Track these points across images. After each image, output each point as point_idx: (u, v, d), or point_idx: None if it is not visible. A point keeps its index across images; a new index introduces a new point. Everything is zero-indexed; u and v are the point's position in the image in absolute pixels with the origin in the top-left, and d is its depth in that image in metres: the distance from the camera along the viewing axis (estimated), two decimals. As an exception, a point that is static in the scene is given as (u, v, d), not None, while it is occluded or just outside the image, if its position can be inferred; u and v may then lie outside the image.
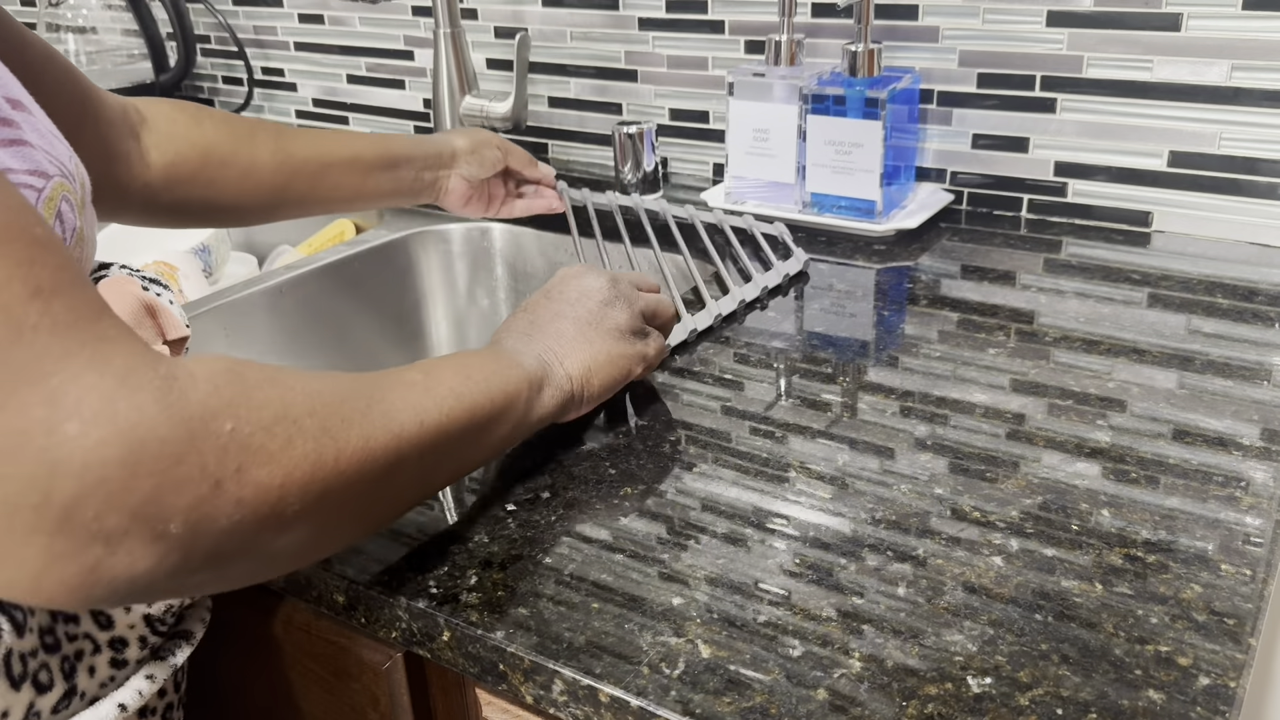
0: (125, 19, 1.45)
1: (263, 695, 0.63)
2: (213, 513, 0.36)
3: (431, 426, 0.46)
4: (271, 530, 0.39)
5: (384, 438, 0.43)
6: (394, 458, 0.44)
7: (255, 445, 0.38)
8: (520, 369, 0.54)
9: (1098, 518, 0.53)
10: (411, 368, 0.50)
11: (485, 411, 0.50)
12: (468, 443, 0.50)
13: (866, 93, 0.90)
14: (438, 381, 0.49)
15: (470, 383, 0.50)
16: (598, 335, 0.60)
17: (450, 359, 0.52)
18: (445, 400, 0.48)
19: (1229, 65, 0.85)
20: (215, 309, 0.92)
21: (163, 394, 0.36)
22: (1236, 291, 0.79)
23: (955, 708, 0.42)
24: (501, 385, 0.52)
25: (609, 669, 0.45)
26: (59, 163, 0.46)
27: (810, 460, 0.60)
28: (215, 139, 0.77)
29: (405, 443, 0.45)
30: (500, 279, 1.12)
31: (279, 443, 0.38)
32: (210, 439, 0.36)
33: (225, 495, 0.37)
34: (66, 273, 0.36)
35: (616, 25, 1.14)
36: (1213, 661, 0.44)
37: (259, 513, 0.38)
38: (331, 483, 0.41)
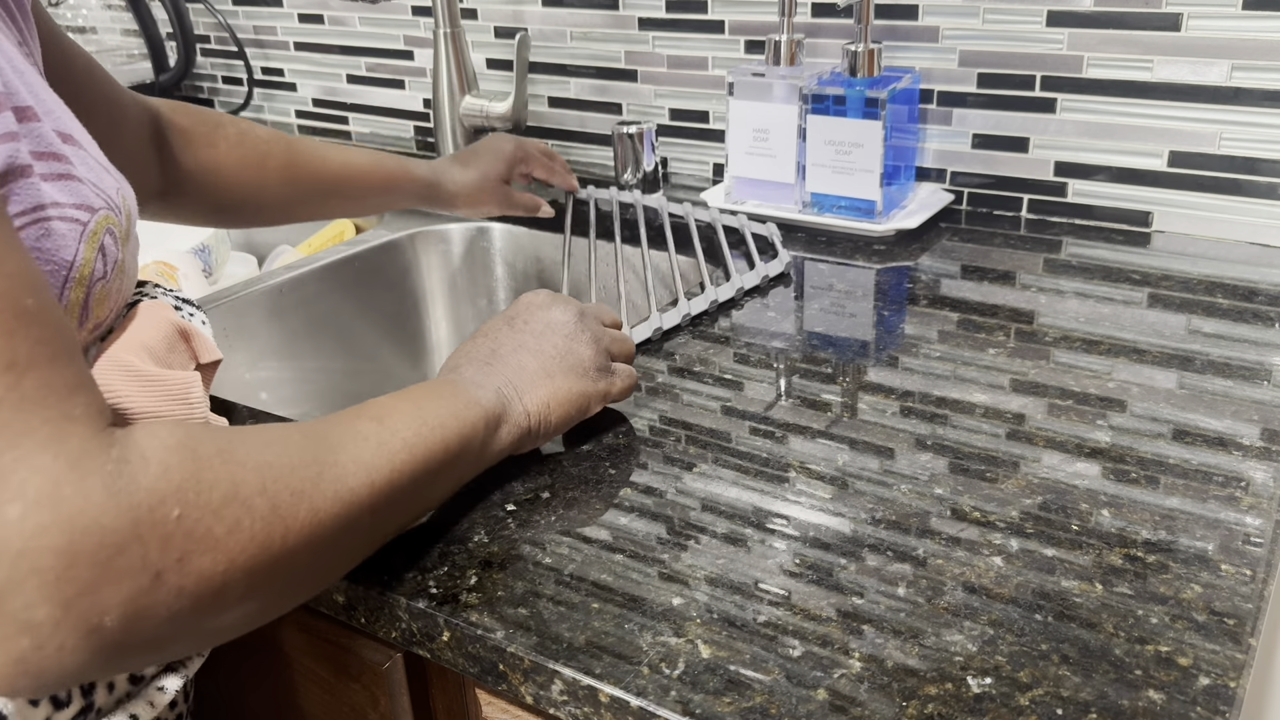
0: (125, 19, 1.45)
1: (263, 695, 0.63)
2: (151, 604, 0.35)
3: (382, 485, 0.46)
4: (212, 614, 0.38)
5: (334, 507, 0.43)
6: (343, 524, 0.43)
7: (200, 532, 0.37)
8: (478, 407, 0.53)
9: (1098, 518, 0.53)
10: (365, 412, 0.48)
11: (439, 458, 0.49)
12: (420, 491, 0.49)
13: (866, 93, 0.90)
14: (391, 433, 0.47)
15: (425, 429, 0.49)
16: (560, 371, 0.58)
17: (406, 400, 0.51)
18: (398, 455, 0.47)
19: (1229, 65, 0.85)
20: (215, 309, 0.92)
21: (112, 480, 0.35)
22: (1236, 291, 0.79)
23: (955, 708, 0.42)
24: (458, 428, 0.51)
25: (609, 669, 0.45)
26: (105, 195, 0.46)
27: (810, 460, 0.60)
28: (225, 162, 0.79)
29: (355, 507, 0.44)
30: (500, 279, 1.12)
31: (225, 527, 0.38)
32: (155, 528, 0.35)
33: (165, 586, 0.36)
34: (48, 347, 0.36)
35: (616, 25, 1.14)
36: (1213, 661, 0.44)
37: (200, 600, 0.37)
38: (278, 561, 0.40)
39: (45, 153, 0.44)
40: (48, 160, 0.43)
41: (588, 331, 0.61)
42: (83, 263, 0.44)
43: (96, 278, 0.45)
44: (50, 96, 0.46)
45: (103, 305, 0.47)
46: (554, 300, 0.62)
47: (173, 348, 0.52)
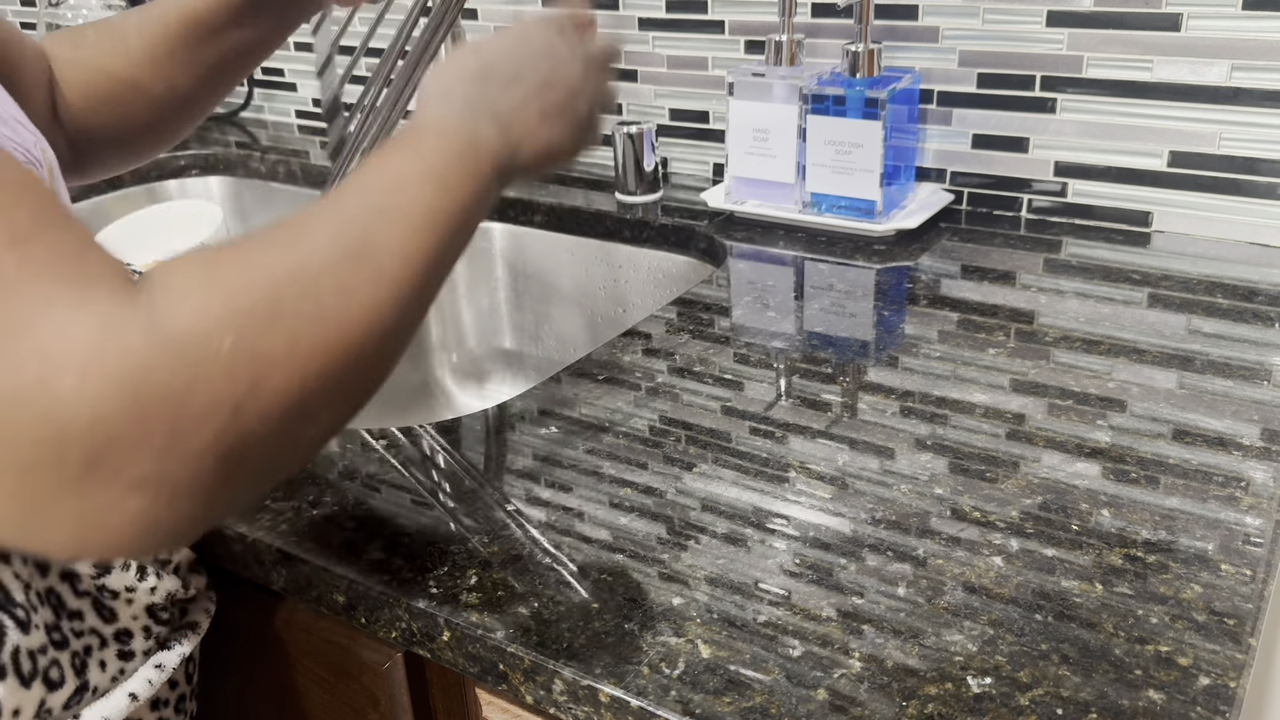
0: (125, 19, 1.45)
1: (263, 695, 0.63)
2: (241, 436, 0.35)
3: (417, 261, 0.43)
4: (303, 426, 0.38)
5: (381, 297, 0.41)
6: (394, 312, 0.42)
7: (261, 353, 0.36)
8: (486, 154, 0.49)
9: (1098, 518, 0.53)
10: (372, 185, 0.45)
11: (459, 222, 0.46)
12: (448, 255, 0.46)
13: (866, 93, 0.90)
14: (413, 201, 0.44)
15: (445, 196, 0.46)
16: (562, 123, 0.54)
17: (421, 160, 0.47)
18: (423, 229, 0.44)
19: (1229, 65, 0.85)
20: (215, 309, 0.92)
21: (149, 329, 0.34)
22: (1236, 291, 0.79)
23: (955, 708, 0.42)
24: (474, 189, 0.47)
25: (609, 669, 0.45)
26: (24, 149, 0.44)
27: (810, 460, 0.60)
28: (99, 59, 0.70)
29: (402, 287, 0.42)
30: (500, 279, 1.12)
31: (284, 341, 0.36)
32: (212, 363, 0.34)
33: (247, 415, 0.35)
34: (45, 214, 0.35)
35: (616, 25, 1.14)
36: (1213, 661, 0.44)
37: (286, 418, 0.36)
38: (348, 359, 0.39)
39: None
40: None
41: (589, 87, 0.56)
42: None
43: None
44: None
45: None
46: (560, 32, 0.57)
47: None
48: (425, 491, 0.59)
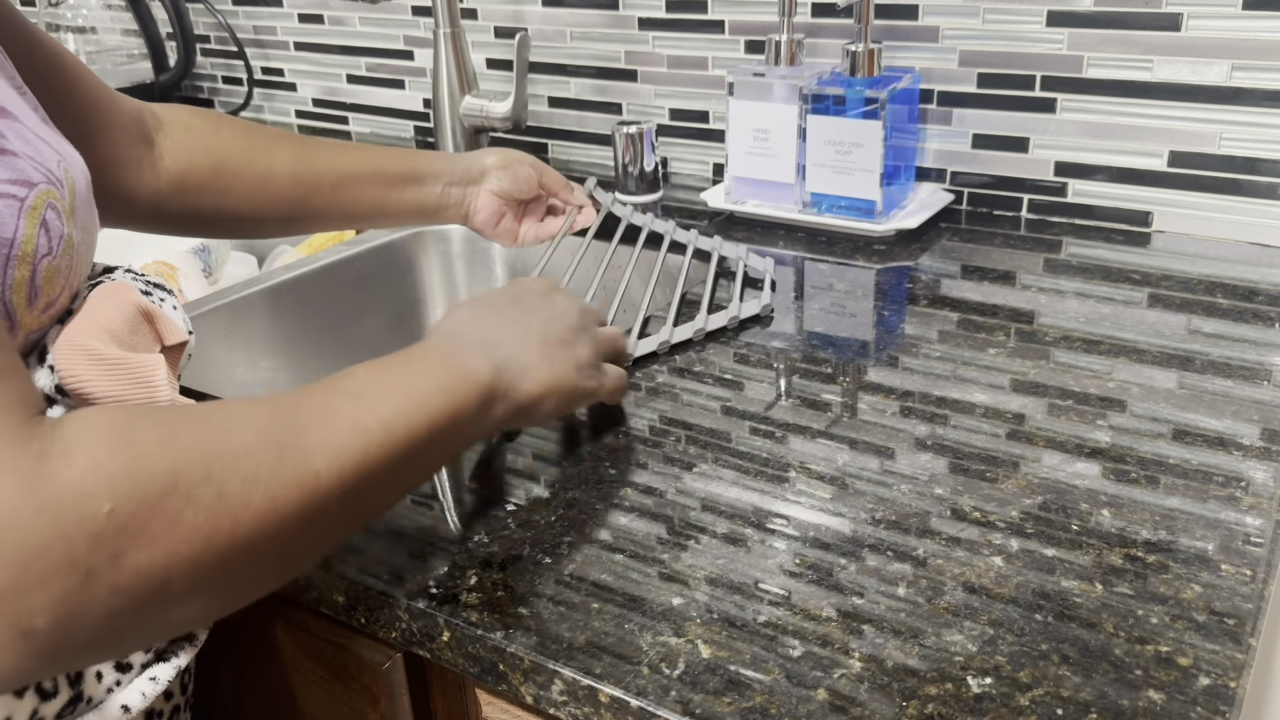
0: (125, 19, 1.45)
1: (263, 695, 0.63)
2: (85, 604, 0.34)
3: (352, 470, 0.42)
4: (156, 610, 0.36)
5: (295, 493, 0.40)
6: (306, 510, 0.40)
7: (136, 527, 0.35)
8: (473, 382, 0.50)
9: (1098, 518, 0.53)
10: (344, 386, 0.45)
11: (423, 438, 0.46)
12: (399, 474, 0.46)
13: (866, 93, 0.90)
14: (369, 410, 0.44)
15: (409, 406, 0.46)
16: (560, 360, 0.56)
17: (393, 370, 0.48)
18: (373, 435, 0.43)
19: (1229, 65, 0.85)
20: (215, 309, 0.92)
21: (30, 477, 0.33)
22: (1236, 291, 0.79)
23: (955, 708, 0.42)
24: (447, 405, 0.48)
25: (609, 669, 0.45)
26: (45, 169, 0.45)
27: (810, 460, 0.60)
28: (232, 148, 0.74)
29: (321, 492, 0.41)
30: (500, 279, 1.12)
31: (164, 521, 0.35)
32: (81, 525, 0.33)
33: (98, 584, 0.34)
34: None
35: (616, 25, 1.14)
36: (1213, 661, 0.44)
37: (139, 597, 0.35)
38: (227, 552, 0.37)
39: None
40: None
41: (588, 331, 0.60)
42: (24, 239, 0.42)
43: (41, 254, 0.44)
44: None
45: (52, 283, 0.45)
46: (555, 289, 0.61)
47: (136, 329, 0.50)
48: (425, 491, 0.59)
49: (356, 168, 0.78)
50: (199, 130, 0.74)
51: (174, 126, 0.73)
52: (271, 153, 0.76)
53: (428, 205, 0.83)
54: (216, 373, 0.93)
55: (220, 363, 0.93)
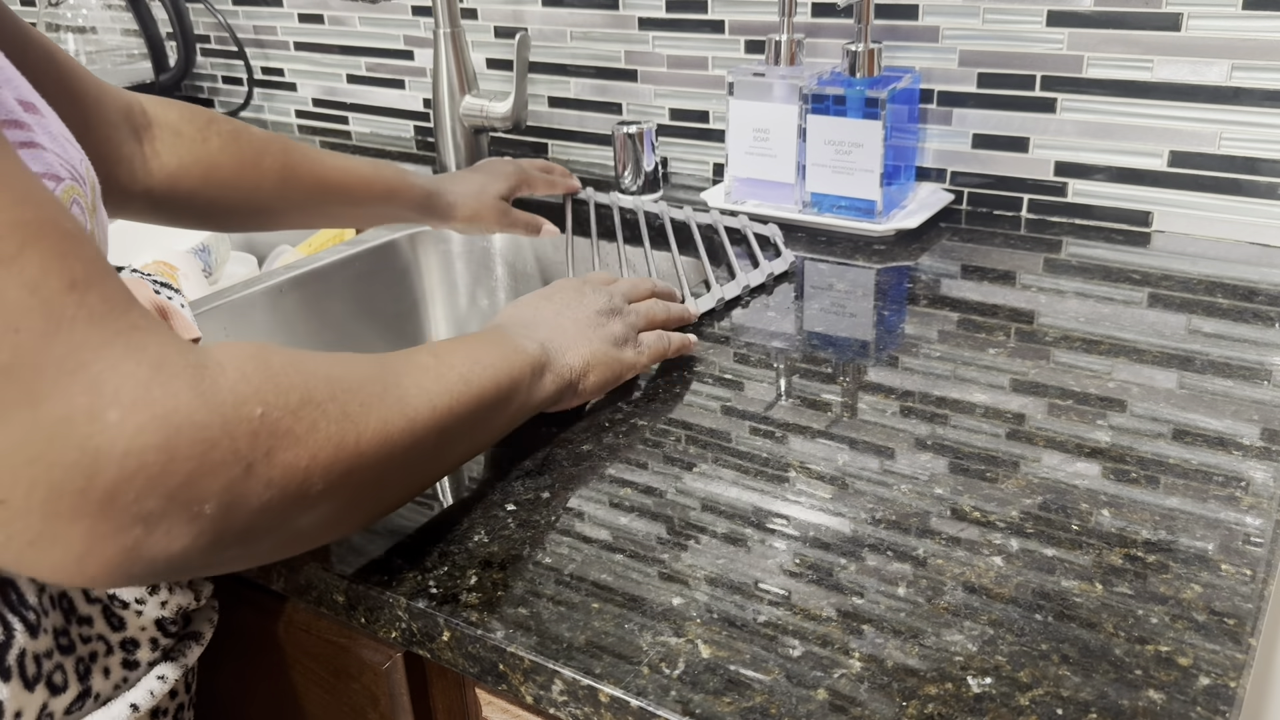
0: (125, 19, 1.45)
1: (263, 695, 0.63)
2: (245, 493, 0.38)
3: (443, 410, 0.48)
4: (298, 508, 0.41)
5: (400, 421, 0.45)
6: (409, 440, 0.46)
7: (283, 429, 0.39)
8: (524, 354, 0.57)
9: (1098, 518, 0.53)
10: (422, 351, 0.52)
11: (492, 395, 0.52)
12: (476, 425, 0.52)
13: (866, 93, 0.90)
14: (448, 367, 0.51)
15: (478, 367, 0.52)
16: (597, 338, 0.63)
17: (458, 344, 0.54)
18: (455, 385, 0.50)
19: (1229, 65, 0.85)
20: (215, 309, 0.92)
21: (196, 381, 0.37)
22: (1236, 291, 0.79)
23: (955, 708, 0.42)
24: (508, 370, 0.54)
25: (609, 669, 0.45)
26: (70, 166, 0.46)
27: (810, 460, 0.60)
28: (220, 159, 0.77)
29: (420, 426, 0.47)
30: (500, 279, 1.12)
31: (304, 426, 0.40)
32: (242, 424, 0.38)
33: (256, 477, 0.38)
34: (98, 264, 0.38)
35: (616, 25, 1.14)
36: (1213, 661, 0.44)
37: (287, 492, 0.40)
38: (353, 463, 0.42)
39: (8, 120, 0.44)
40: (10, 128, 0.43)
41: (619, 311, 0.67)
42: None
43: None
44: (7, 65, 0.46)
45: None
46: (585, 282, 0.68)
47: None
48: (426, 491, 0.59)
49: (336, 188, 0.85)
50: (187, 138, 0.76)
51: (163, 129, 0.75)
52: (258, 167, 0.80)
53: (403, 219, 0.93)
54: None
55: (220, 363, 0.93)
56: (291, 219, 0.85)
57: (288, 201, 0.83)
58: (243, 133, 0.79)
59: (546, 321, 0.63)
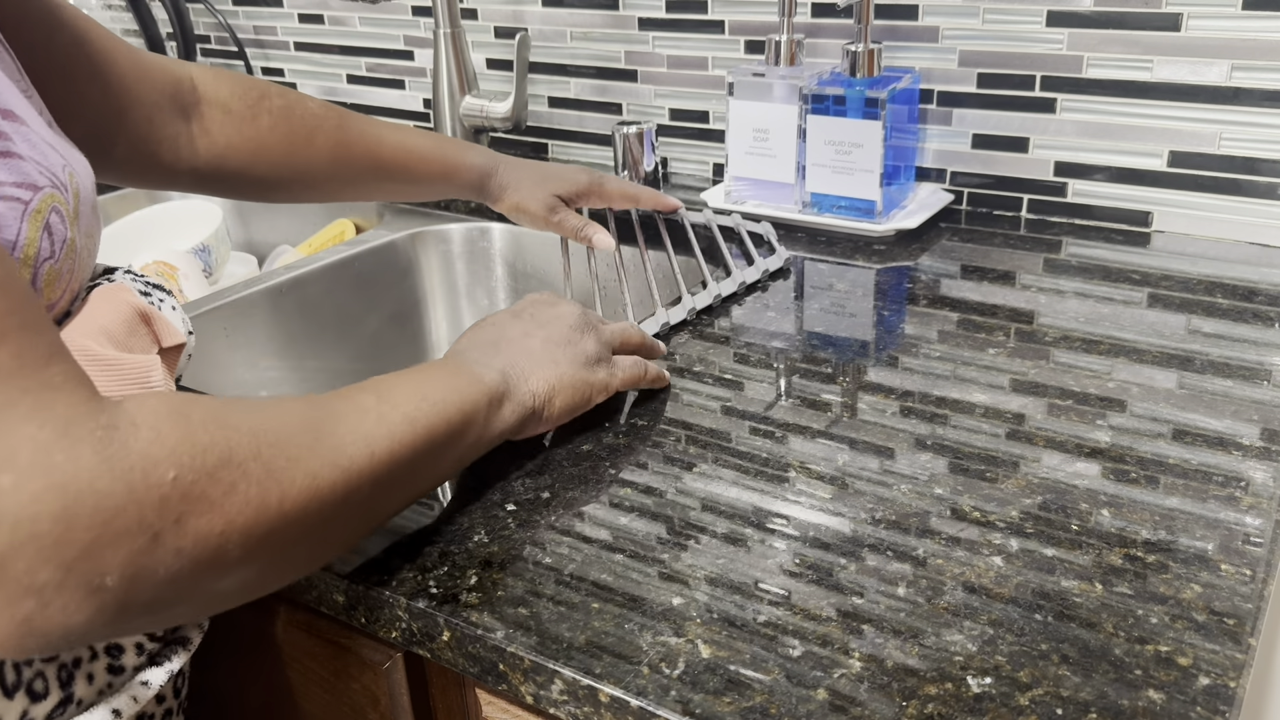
0: (125, 19, 1.45)
1: (263, 695, 0.63)
2: (151, 564, 0.36)
3: (383, 456, 0.46)
4: (213, 576, 0.39)
5: (331, 474, 0.43)
6: (342, 492, 0.44)
7: (197, 494, 0.37)
8: (481, 384, 0.54)
9: (1098, 518, 0.53)
10: (366, 388, 0.49)
11: (441, 433, 0.50)
12: (422, 466, 0.49)
13: (866, 93, 0.90)
14: (392, 406, 0.48)
15: (426, 404, 0.50)
16: (565, 359, 0.60)
17: (408, 377, 0.52)
18: (398, 427, 0.47)
19: (1229, 65, 0.85)
20: (215, 309, 0.92)
21: (103, 445, 0.35)
22: (1236, 291, 0.79)
23: (955, 708, 0.42)
24: (459, 404, 0.52)
25: (609, 669, 0.45)
26: (50, 173, 0.45)
27: (810, 460, 0.60)
28: (269, 139, 0.75)
29: (354, 476, 0.44)
30: (500, 279, 1.12)
31: (221, 489, 0.38)
32: (150, 490, 0.36)
33: (164, 546, 0.36)
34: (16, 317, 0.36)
35: (616, 25, 1.14)
36: (1213, 661, 0.44)
37: (199, 561, 0.38)
38: (275, 525, 0.40)
39: None
40: None
41: (591, 325, 0.63)
42: (26, 242, 0.43)
43: (43, 258, 0.44)
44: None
45: (53, 287, 0.46)
46: (558, 298, 0.65)
47: (133, 331, 0.51)
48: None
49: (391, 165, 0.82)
50: (236, 115, 0.74)
51: (212, 107, 0.73)
52: (310, 145, 0.77)
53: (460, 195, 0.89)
54: (216, 373, 0.93)
55: (220, 363, 0.93)
56: (344, 194, 0.82)
57: (340, 180, 0.80)
58: (296, 108, 0.77)
59: (511, 343, 0.59)
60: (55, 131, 0.49)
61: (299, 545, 0.43)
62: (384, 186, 0.84)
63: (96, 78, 0.64)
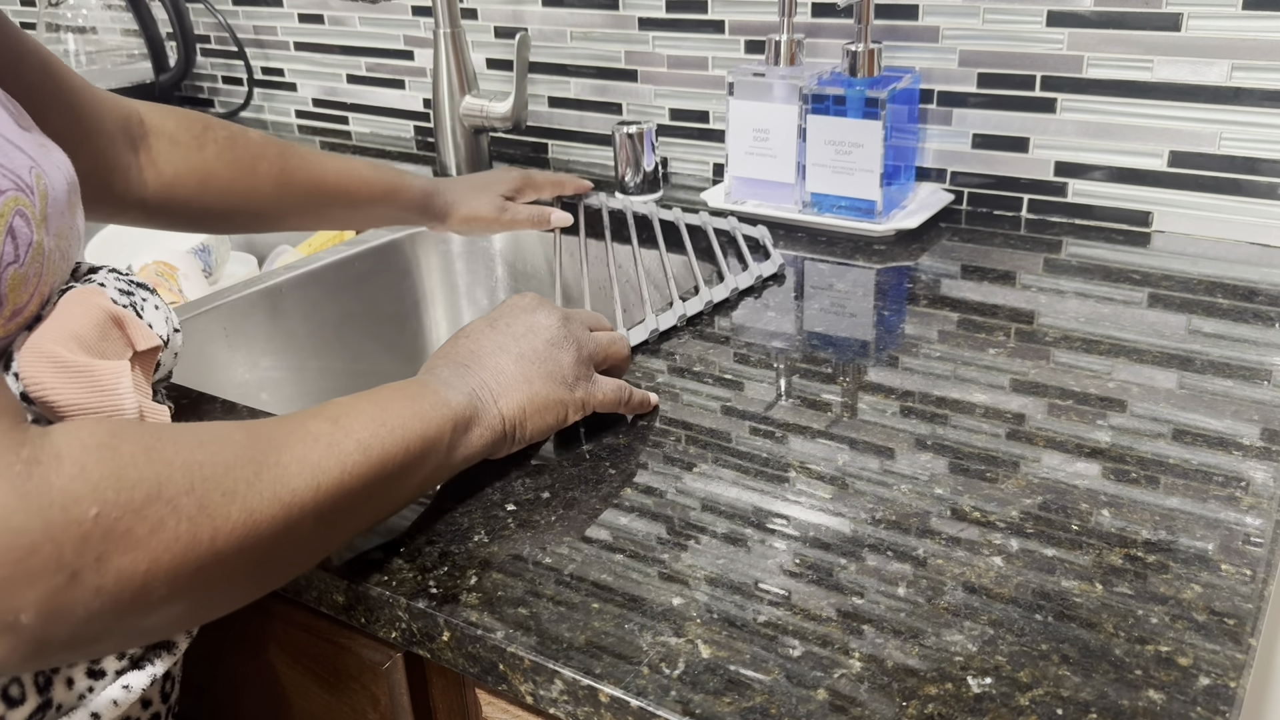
0: (125, 19, 1.45)
1: (263, 695, 0.63)
2: (68, 603, 0.35)
3: (330, 488, 0.44)
4: (136, 614, 0.38)
5: (271, 509, 0.41)
6: (283, 527, 0.42)
7: (121, 531, 0.36)
8: (446, 408, 0.52)
9: (1098, 518, 0.53)
10: (322, 413, 0.47)
11: (398, 462, 0.48)
12: (377, 495, 0.48)
13: (866, 93, 0.90)
14: (346, 433, 0.46)
15: (384, 429, 0.48)
16: (539, 376, 0.57)
17: (369, 400, 0.50)
18: (350, 457, 0.46)
19: (1229, 65, 0.85)
20: (215, 309, 0.92)
21: (21, 480, 0.35)
22: (1236, 291, 0.79)
23: (955, 708, 0.42)
24: (421, 429, 0.50)
25: (609, 669, 0.45)
26: (15, 176, 0.44)
27: (810, 460, 0.60)
28: (215, 167, 0.76)
29: (297, 510, 0.43)
30: (500, 279, 1.12)
31: (148, 526, 0.37)
32: (70, 527, 0.35)
33: (83, 585, 0.36)
34: None
35: (616, 25, 1.14)
36: (1213, 661, 0.44)
37: (121, 600, 0.37)
38: (205, 562, 0.39)
39: None
40: None
41: (571, 338, 0.60)
42: None
43: (7, 262, 0.44)
44: None
45: (19, 291, 0.45)
46: (539, 304, 0.61)
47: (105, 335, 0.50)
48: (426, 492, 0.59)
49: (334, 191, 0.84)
50: (183, 145, 0.75)
51: (159, 138, 0.74)
52: (254, 173, 0.79)
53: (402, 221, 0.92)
54: (216, 373, 0.93)
55: (220, 363, 0.93)
56: (290, 222, 0.84)
57: (284, 206, 0.82)
58: (239, 138, 0.78)
59: (485, 359, 0.57)
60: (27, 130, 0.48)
61: (234, 581, 0.41)
62: (329, 212, 0.85)
63: (59, 106, 0.65)
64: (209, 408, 0.69)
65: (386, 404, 0.50)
